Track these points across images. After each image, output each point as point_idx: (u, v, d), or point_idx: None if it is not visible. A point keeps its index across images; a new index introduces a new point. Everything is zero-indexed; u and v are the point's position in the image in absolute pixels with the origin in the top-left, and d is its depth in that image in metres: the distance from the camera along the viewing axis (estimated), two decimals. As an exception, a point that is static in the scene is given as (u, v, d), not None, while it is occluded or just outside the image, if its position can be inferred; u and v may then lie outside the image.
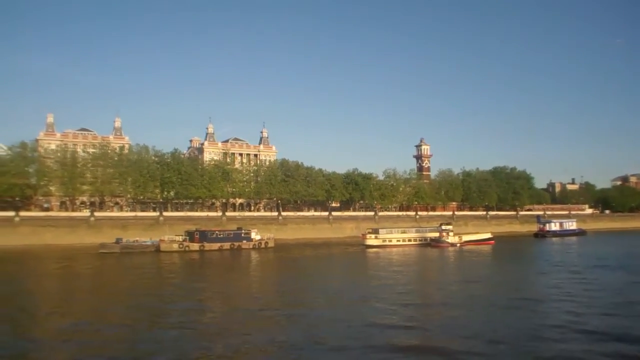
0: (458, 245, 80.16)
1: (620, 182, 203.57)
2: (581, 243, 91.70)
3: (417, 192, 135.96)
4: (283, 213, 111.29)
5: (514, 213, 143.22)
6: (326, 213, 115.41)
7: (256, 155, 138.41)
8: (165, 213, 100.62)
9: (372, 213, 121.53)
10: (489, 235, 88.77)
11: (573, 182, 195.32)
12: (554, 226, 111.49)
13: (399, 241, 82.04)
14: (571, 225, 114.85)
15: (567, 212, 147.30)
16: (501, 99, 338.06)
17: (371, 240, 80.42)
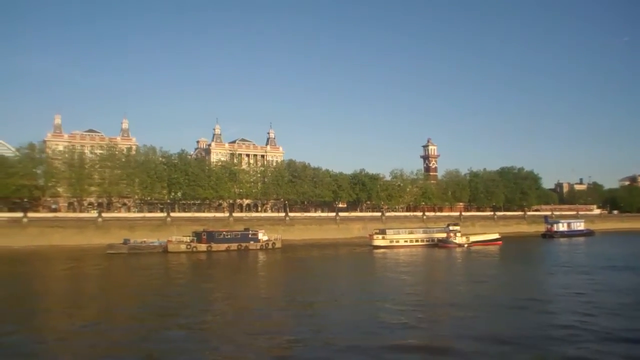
0: (465, 245, 79.88)
1: (628, 182, 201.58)
2: (589, 243, 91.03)
3: (424, 193, 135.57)
4: (290, 214, 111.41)
5: (522, 213, 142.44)
6: (333, 214, 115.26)
7: (263, 156, 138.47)
8: (172, 214, 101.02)
9: (379, 214, 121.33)
10: (497, 235, 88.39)
11: (581, 183, 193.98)
12: (562, 226, 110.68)
13: (406, 242, 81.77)
14: (579, 225, 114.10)
15: (575, 213, 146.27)
16: (502, 99, 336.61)
17: (378, 240, 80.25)
